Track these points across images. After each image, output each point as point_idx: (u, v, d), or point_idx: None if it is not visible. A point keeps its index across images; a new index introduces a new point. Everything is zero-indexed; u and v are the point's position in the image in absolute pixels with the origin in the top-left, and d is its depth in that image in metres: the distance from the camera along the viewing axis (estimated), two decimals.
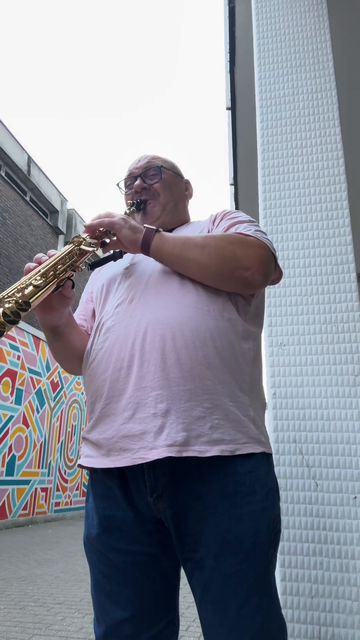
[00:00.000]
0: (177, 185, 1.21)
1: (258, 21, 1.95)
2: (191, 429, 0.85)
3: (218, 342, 0.92)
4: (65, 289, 0.96)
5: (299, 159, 1.70)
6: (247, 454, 0.88)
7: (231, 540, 0.83)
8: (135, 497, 0.90)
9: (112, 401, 0.91)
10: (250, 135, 3.18)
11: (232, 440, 0.87)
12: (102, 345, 0.97)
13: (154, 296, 0.97)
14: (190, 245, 0.96)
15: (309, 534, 1.33)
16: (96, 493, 0.96)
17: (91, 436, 0.95)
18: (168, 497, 0.87)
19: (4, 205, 10.54)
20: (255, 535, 0.84)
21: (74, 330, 1.08)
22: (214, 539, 0.83)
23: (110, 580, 0.91)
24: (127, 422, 0.88)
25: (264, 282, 0.96)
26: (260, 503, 0.86)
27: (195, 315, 0.93)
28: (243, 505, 0.85)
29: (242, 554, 0.82)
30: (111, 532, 0.91)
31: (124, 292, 1.01)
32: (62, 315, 1.02)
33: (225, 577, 0.82)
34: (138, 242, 0.98)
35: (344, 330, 1.48)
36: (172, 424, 0.85)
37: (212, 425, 0.86)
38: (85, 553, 0.97)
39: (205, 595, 0.84)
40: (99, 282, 1.14)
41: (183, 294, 0.95)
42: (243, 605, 0.81)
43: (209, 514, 0.85)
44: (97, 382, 0.95)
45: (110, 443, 0.90)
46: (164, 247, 0.97)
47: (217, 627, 0.82)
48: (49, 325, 1.03)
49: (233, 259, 0.93)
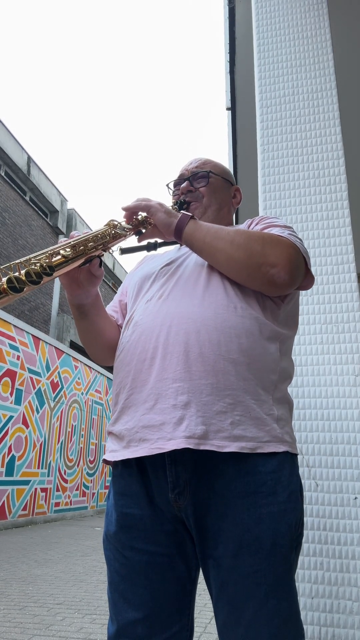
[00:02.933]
0: (224, 191, 1.22)
1: (258, 21, 1.95)
2: (211, 423, 0.85)
3: (243, 340, 0.91)
4: (92, 266, 0.98)
5: (299, 159, 1.70)
6: (269, 453, 0.87)
7: (250, 540, 0.82)
8: (155, 494, 0.90)
9: (135, 392, 0.92)
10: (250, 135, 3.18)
11: (254, 438, 0.86)
12: (129, 339, 0.99)
13: (181, 293, 0.97)
14: (221, 235, 0.97)
15: (309, 534, 1.32)
16: (116, 490, 0.96)
17: (115, 428, 0.95)
18: (189, 494, 0.87)
19: (4, 205, 10.53)
20: (274, 537, 0.82)
21: (100, 312, 1.10)
22: (232, 538, 0.83)
23: (125, 579, 0.90)
24: (147, 413, 0.88)
25: (290, 282, 0.95)
26: (282, 505, 0.85)
27: (221, 312, 0.93)
28: (263, 505, 0.84)
29: (261, 554, 0.82)
30: (129, 530, 0.91)
31: (156, 290, 1.02)
32: (89, 295, 1.05)
33: (243, 577, 0.81)
34: (172, 225, 0.99)
35: (344, 330, 1.48)
36: (191, 416, 0.85)
37: (233, 421, 0.86)
38: (104, 551, 0.97)
39: (221, 594, 0.83)
40: (134, 279, 1.16)
41: (210, 291, 0.96)
42: (261, 607, 0.80)
43: (228, 512, 0.84)
44: (122, 374, 0.97)
45: (131, 433, 0.90)
46: (196, 234, 0.98)
47: (232, 627, 0.81)
48: (76, 303, 1.06)
49: (261, 254, 0.93)
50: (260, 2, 1.99)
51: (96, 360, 1.16)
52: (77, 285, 1.01)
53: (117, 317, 1.17)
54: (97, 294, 1.08)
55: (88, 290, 1.03)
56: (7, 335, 9.84)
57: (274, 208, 1.67)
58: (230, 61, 2.91)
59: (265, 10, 1.96)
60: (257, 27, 1.94)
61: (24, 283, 0.77)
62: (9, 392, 9.65)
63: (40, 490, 10.44)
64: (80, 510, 11.94)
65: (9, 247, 10.53)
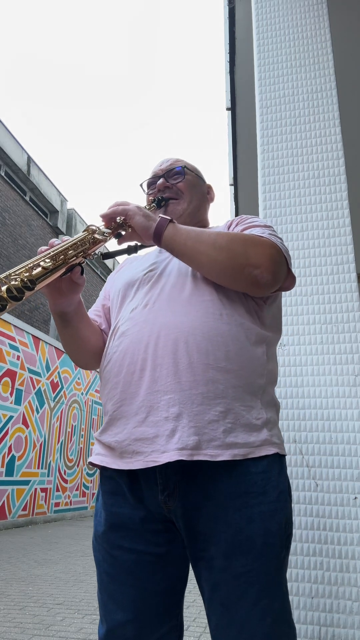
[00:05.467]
0: (200, 187, 1.22)
1: (258, 21, 1.95)
2: (203, 433, 0.85)
3: (231, 347, 0.91)
4: (74, 274, 0.96)
5: (299, 159, 1.70)
6: (260, 457, 0.88)
7: (242, 540, 0.82)
8: (145, 496, 0.90)
9: (125, 404, 0.92)
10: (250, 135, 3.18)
11: (245, 444, 0.86)
12: (116, 349, 0.98)
13: (167, 301, 0.97)
14: (202, 238, 0.96)
15: (309, 534, 1.32)
16: (105, 490, 0.96)
17: (103, 438, 0.95)
18: (179, 496, 0.87)
19: (4, 205, 10.53)
20: (266, 536, 0.83)
21: (83, 319, 1.08)
22: (224, 539, 0.83)
23: (114, 579, 0.90)
24: (139, 426, 0.88)
25: (273, 282, 0.95)
26: (272, 504, 0.86)
27: (208, 320, 0.93)
28: (254, 505, 0.84)
29: (253, 554, 0.82)
30: (117, 529, 0.91)
31: (140, 298, 1.01)
32: (72, 302, 1.02)
33: (235, 578, 0.81)
34: (151, 229, 0.97)
35: (344, 330, 1.48)
36: (183, 427, 0.85)
37: (225, 429, 0.86)
38: (93, 552, 0.96)
39: (214, 595, 0.83)
40: (116, 284, 1.14)
41: (196, 299, 0.96)
42: (253, 607, 0.79)
43: (220, 513, 0.84)
44: (110, 385, 0.96)
45: (122, 446, 0.90)
46: (176, 238, 0.96)
47: (225, 628, 0.81)
48: (58, 311, 1.04)
49: (243, 255, 0.93)
50: (260, 2, 1.99)
51: (80, 366, 1.15)
52: (59, 294, 0.98)
53: (100, 321, 1.16)
54: (80, 301, 1.06)
55: (70, 298, 1.00)
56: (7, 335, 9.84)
57: (274, 208, 1.67)
58: (230, 61, 2.91)
59: (265, 10, 1.96)
60: (257, 27, 1.95)
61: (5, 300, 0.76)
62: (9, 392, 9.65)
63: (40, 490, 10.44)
64: (80, 511, 11.94)
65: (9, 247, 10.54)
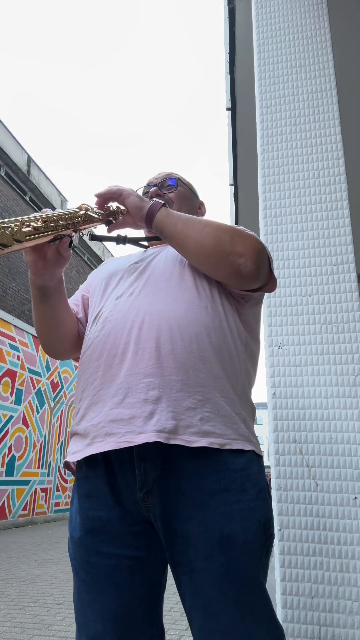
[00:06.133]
0: (191, 200, 1.25)
1: (258, 21, 1.95)
2: (180, 419, 0.85)
3: (214, 338, 0.92)
4: (62, 244, 0.96)
5: (299, 159, 1.70)
6: (237, 450, 0.87)
7: (221, 538, 0.81)
8: (122, 493, 0.88)
9: (104, 387, 0.90)
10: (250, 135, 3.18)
11: (222, 435, 0.86)
12: (98, 334, 0.97)
13: (153, 290, 0.98)
14: (192, 223, 0.98)
15: (309, 534, 1.32)
16: (80, 493, 0.93)
17: (80, 427, 0.92)
18: (158, 493, 0.85)
19: (4, 205, 10.53)
20: (245, 534, 0.82)
21: (61, 299, 1.07)
22: (203, 539, 0.81)
23: (92, 588, 0.86)
24: (116, 407, 0.87)
25: (255, 274, 0.96)
26: (252, 502, 0.85)
27: (193, 310, 0.94)
28: (233, 502, 0.83)
29: (233, 553, 0.80)
30: (95, 533, 0.88)
31: (126, 287, 1.02)
32: (54, 277, 1.02)
33: (216, 579, 0.79)
34: (144, 209, 0.99)
35: (344, 330, 1.48)
36: (162, 411, 0.84)
37: (203, 417, 0.86)
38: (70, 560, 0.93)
39: (195, 600, 0.81)
40: (99, 275, 1.15)
41: (182, 290, 0.97)
42: (235, 608, 0.78)
43: (198, 513, 0.82)
44: (91, 369, 0.95)
45: (96, 429, 0.87)
46: (167, 220, 0.99)
47: (210, 634, 0.79)
48: (38, 284, 1.02)
49: (229, 242, 0.95)
50: (260, 2, 1.99)
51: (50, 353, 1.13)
52: (43, 265, 0.97)
53: (78, 310, 1.15)
54: (61, 279, 1.06)
55: (53, 271, 0.99)
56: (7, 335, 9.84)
57: (274, 208, 1.67)
58: (230, 61, 2.91)
59: (265, 10, 1.96)
60: (257, 27, 1.95)
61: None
62: (9, 392, 9.65)
63: (40, 490, 10.44)
64: None
65: None
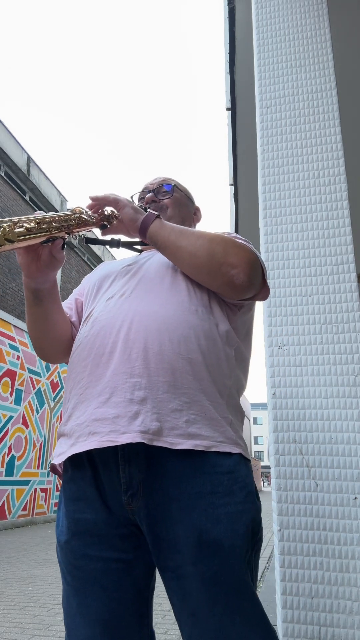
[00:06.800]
0: (187, 206, 1.25)
1: (258, 21, 1.95)
2: (165, 420, 0.84)
3: (202, 341, 0.92)
4: (55, 246, 0.96)
5: (299, 159, 1.70)
6: (224, 453, 0.86)
7: (209, 542, 0.80)
8: (108, 496, 0.87)
9: (90, 386, 0.90)
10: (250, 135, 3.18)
11: (208, 437, 0.85)
12: (87, 334, 0.97)
13: (145, 292, 0.98)
14: (185, 234, 0.99)
15: (308, 534, 1.32)
16: (67, 496, 0.92)
17: (66, 427, 0.91)
18: (143, 496, 0.84)
19: (4, 205, 10.53)
20: (233, 538, 0.80)
21: (55, 302, 1.07)
22: (190, 543, 0.80)
23: (79, 592, 0.85)
24: (101, 406, 0.86)
25: (248, 285, 0.96)
26: (239, 505, 0.84)
27: (183, 313, 0.94)
28: (221, 505, 0.82)
29: (220, 556, 0.79)
30: (81, 536, 0.87)
31: (117, 288, 1.02)
32: (47, 279, 1.02)
33: (204, 583, 0.78)
34: (138, 221, 1.00)
35: (344, 330, 1.48)
36: (147, 412, 0.84)
37: (188, 420, 0.85)
38: (59, 564, 0.93)
39: (184, 605, 0.80)
40: (93, 278, 1.16)
41: (173, 293, 0.97)
42: (224, 611, 0.77)
43: (184, 516, 0.81)
44: (78, 369, 0.94)
45: (81, 428, 0.87)
46: (160, 232, 0.99)
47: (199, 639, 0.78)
48: (32, 287, 1.03)
49: (223, 254, 0.95)
50: (260, 2, 1.99)
51: (43, 357, 1.13)
52: (36, 267, 0.97)
53: (71, 313, 1.15)
54: (55, 282, 1.06)
55: (47, 274, 1.00)
56: (7, 335, 9.84)
57: (274, 208, 1.67)
58: (230, 61, 2.91)
59: (265, 10, 1.96)
60: (257, 27, 1.95)
61: None
62: (9, 392, 9.65)
63: (40, 490, 10.44)
64: None
65: None
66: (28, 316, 1.08)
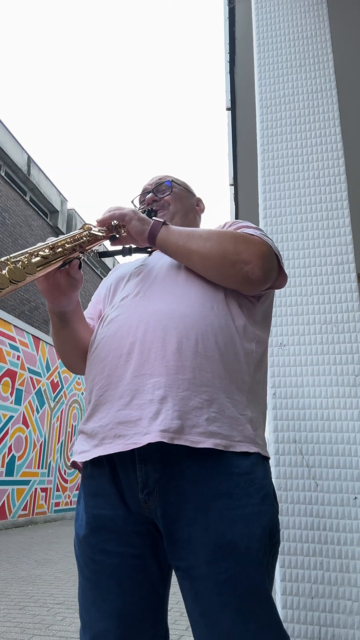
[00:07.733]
0: (188, 199, 1.26)
1: (258, 21, 1.95)
2: (186, 418, 0.84)
3: (220, 338, 0.92)
4: (72, 267, 0.98)
5: (299, 159, 1.70)
6: (242, 453, 0.86)
7: (224, 544, 0.79)
8: (126, 493, 0.88)
9: (110, 388, 0.91)
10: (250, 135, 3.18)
11: (227, 436, 0.85)
12: (104, 335, 0.98)
13: (159, 290, 0.98)
14: (194, 237, 0.98)
15: (309, 534, 1.32)
16: (86, 492, 0.93)
17: (87, 426, 0.93)
18: (159, 495, 0.85)
19: (4, 205, 10.53)
20: (249, 540, 0.80)
21: (81, 319, 1.09)
22: (205, 544, 0.80)
23: (96, 586, 0.87)
24: (123, 409, 0.87)
25: (264, 279, 0.96)
26: (256, 507, 0.83)
27: (199, 310, 0.93)
28: (237, 507, 0.82)
29: (235, 558, 0.79)
30: (99, 532, 0.88)
31: (132, 288, 1.03)
32: (71, 301, 1.03)
33: (218, 585, 0.78)
34: (145, 232, 1.00)
35: (344, 330, 1.48)
36: (167, 410, 0.84)
37: (209, 418, 0.85)
38: (75, 558, 0.94)
39: (196, 606, 0.80)
40: (109, 281, 1.17)
41: (188, 289, 0.97)
42: (237, 614, 0.76)
43: (199, 517, 0.81)
44: (96, 370, 0.95)
45: (105, 430, 0.88)
46: (169, 239, 0.99)
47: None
48: (57, 311, 1.04)
49: (234, 252, 0.95)
50: (260, 2, 1.99)
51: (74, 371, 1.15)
52: (58, 292, 1.00)
53: (94, 324, 1.15)
54: (78, 301, 1.07)
55: (70, 296, 1.01)
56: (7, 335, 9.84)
57: (274, 208, 1.67)
58: (230, 61, 2.91)
59: (265, 10, 1.96)
60: (257, 27, 1.95)
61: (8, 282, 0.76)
62: (9, 392, 9.65)
63: (40, 490, 10.44)
64: None
65: (9, 247, 10.53)
66: (56, 339, 1.10)
